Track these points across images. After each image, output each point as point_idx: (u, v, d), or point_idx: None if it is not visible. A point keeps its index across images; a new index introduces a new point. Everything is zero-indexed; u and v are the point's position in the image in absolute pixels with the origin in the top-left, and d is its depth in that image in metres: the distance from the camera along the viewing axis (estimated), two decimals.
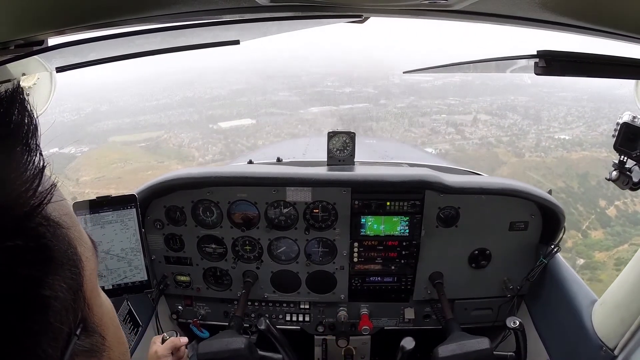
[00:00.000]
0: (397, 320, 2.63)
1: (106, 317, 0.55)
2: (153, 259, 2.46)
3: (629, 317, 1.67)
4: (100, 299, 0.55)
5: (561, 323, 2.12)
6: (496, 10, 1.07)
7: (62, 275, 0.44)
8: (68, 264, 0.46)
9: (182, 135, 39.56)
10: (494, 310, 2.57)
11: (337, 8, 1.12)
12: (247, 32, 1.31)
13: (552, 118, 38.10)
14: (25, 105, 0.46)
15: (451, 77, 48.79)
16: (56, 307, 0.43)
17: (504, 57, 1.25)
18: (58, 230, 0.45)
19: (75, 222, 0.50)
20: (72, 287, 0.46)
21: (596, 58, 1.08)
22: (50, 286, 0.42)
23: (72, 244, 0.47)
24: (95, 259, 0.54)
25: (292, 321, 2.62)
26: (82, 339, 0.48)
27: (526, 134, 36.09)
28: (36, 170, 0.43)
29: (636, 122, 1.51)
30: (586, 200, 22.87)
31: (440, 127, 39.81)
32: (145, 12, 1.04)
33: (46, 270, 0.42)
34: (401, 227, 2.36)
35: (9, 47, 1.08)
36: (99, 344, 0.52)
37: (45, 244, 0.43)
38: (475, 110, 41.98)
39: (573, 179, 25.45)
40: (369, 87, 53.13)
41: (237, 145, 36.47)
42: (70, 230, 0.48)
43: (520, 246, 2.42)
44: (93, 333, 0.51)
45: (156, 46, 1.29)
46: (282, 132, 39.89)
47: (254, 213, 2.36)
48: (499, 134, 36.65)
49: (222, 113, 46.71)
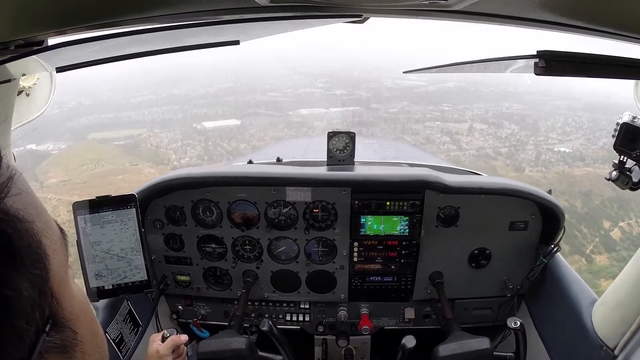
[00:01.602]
0: (397, 320, 2.63)
1: (77, 310, 0.53)
2: (153, 258, 2.46)
3: (629, 316, 1.67)
4: (71, 291, 0.53)
5: (561, 322, 2.12)
6: (496, 11, 1.07)
7: (25, 272, 0.42)
8: (32, 260, 0.43)
9: (162, 135, 38.17)
10: (493, 310, 2.57)
11: (337, 8, 1.12)
12: (247, 32, 1.31)
13: (550, 128, 37.30)
14: None
15: (445, 82, 48.01)
16: (20, 306, 0.41)
17: (503, 57, 1.25)
18: (19, 225, 0.43)
19: (40, 213, 0.48)
20: (37, 284, 0.44)
21: (596, 58, 1.08)
22: (12, 285, 0.40)
23: (35, 238, 0.45)
24: (64, 250, 0.52)
25: (292, 321, 2.62)
26: (51, 335, 0.46)
27: (525, 145, 35.10)
28: None
29: (636, 122, 1.51)
30: (590, 221, 21.90)
31: (435, 135, 38.47)
32: (145, 12, 1.04)
33: (7, 269, 0.40)
34: (401, 226, 2.36)
35: (9, 47, 1.08)
36: (70, 338, 0.50)
37: (4, 240, 0.40)
38: (471, 119, 40.97)
39: (576, 197, 24.30)
40: (361, 90, 52.09)
41: (216, 148, 35.36)
42: (34, 223, 0.45)
43: (520, 246, 2.42)
44: (63, 328, 0.49)
45: (156, 46, 1.29)
46: (266, 135, 38.53)
47: (253, 213, 2.36)
48: (496, 145, 35.55)
49: (207, 112, 45.42)
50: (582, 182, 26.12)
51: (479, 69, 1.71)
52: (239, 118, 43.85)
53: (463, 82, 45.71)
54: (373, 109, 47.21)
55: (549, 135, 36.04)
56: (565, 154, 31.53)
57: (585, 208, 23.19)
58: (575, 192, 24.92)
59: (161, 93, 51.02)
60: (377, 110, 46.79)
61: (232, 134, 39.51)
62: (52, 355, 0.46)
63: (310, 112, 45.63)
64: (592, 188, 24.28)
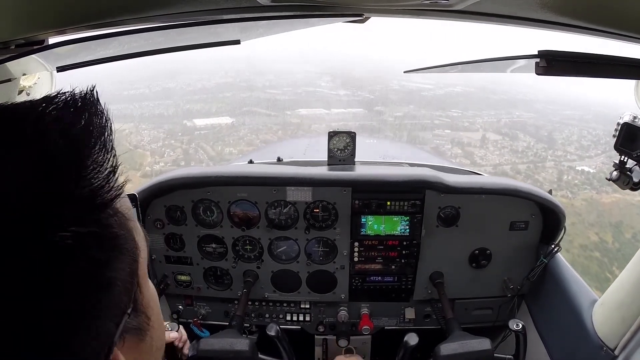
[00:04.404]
0: (397, 320, 2.63)
1: (151, 301, 0.61)
2: (153, 258, 2.46)
3: (629, 317, 1.67)
4: (148, 282, 0.61)
5: (561, 323, 2.12)
6: (497, 10, 1.07)
7: (124, 260, 0.50)
8: (129, 251, 0.52)
9: (146, 132, 36.22)
10: (494, 310, 2.57)
11: (338, 7, 1.12)
12: (248, 31, 1.31)
13: (566, 141, 34.93)
14: (99, 108, 0.52)
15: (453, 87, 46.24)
16: (118, 287, 0.49)
17: (504, 57, 1.25)
18: (124, 221, 0.52)
19: (133, 215, 0.56)
20: (131, 271, 0.52)
21: (597, 58, 1.08)
22: (115, 269, 0.49)
23: (132, 234, 0.54)
24: (147, 248, 0.61)
25: (293, 321, 2.62)
26: (132, 318, 0.54)
27: (544, 161, 32.56)
28: (111, 167, 0.49)
29: (636, 122, 1.51)
30: (622, 259, 19.35)
31: (445, 146, 35.34)
32: (146, 12, 1.04)
33: (113, 255, 0.49)
34: (401, 226, 2.36)
35: (9, 47, 1.08)
36: (144, 323, 0.57)
37: (114, 232, 0.49)
38: (482, 127, 38.74)
39: (606, 230, 21.51)
40: (365, 91, 50.37)
41: (197, 152, 33.36)
42: (131, 222, 0.54)
43: (520, 246, 2.42)
44: (141, 313, 0.57)
45: (156, 45, 1.29)
46: (257, 138, 36.28)
47: (254, 213, 2.36)
48: (514, 161, 32.52)
49: (200, 108, 43.43)
50: (611, 211, 23.61)
51: (479, 68, 1.71)
52: (233, 116, 42.26)
53: (471, 87, 44.27)
54: (377, 111, 45.51)
55: (567, 150, 33.84)
56: (589, 175, 28.56)
57: (616, 243, 20.51)
58: (605, 224, 22.34)
59: (156, 86, 49.37)
60: (381, 113, 45.05)
61: (220, 135, 37.65)
62: (129, 336, 0.53)
63: (309, 112, 43.87)
64: (622, 219, 22.10)
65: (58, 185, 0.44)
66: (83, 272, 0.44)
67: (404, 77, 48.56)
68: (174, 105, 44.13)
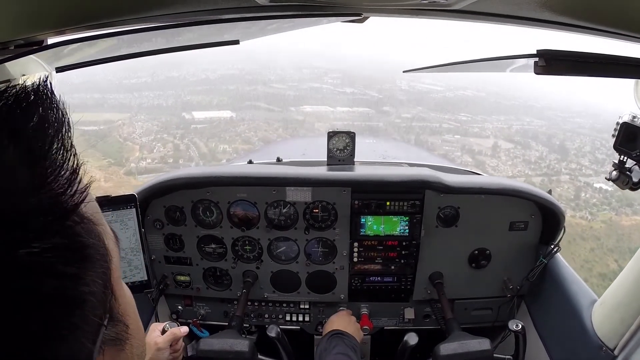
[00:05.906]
0: (397, 320, 2.63)
1: (128, 307, 0.57)
2: (153, 258, 2.46)
3: (629, 317, 1.67)
4: (122, 288, 0.57)
5: (561, 323, 2.12)
6: (496, 10, 1.07)
7: (96, 270, 0.46)
8: (100, 259, 0.47)
9: (139, 124, 34.49)
10: (493, 310, 2.57)
11: (337, 7, 1.12)
12: (247, 31, 1.31)
13: (579, 151, 33.65)
14: (54, 100, 0.46)
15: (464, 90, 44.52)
16: (92, 301, 0.45)
17: (503, 56, 1.25)
18: (92, 228, 0.47)
19: (102, 218, 0.52)
20: (103, 281, 0.47)
21: (596, 57, 1.08)
22: (87, 282, 0.44)
23: (102, 239, 0.49)
24: (117, 250, 0.56)
25: (292, 321, 2.62)
26: (108, 329, 0.50)
27: (558, 175, 30.90)
28: (72, 169, 0.44)
29: (636, 122, 1.51)
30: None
31: (454, 152, 33.54)
32: (145, 12, 1.04)
33: (83, 267, 0.44)
34: (401, 227, 2.36)
35: (8, 47, 1.08)
36: (123, 332, 0.53)
37: (82, 241, 0.44)
38: (494, 134, 37.36)
39: (625, 257, 19.82)
40: (373, 90, 48.63)
41: (188, 150, 31.89)
42: (100, 226, 0.49)
43: (520, 246, 2.41)
44: (118, 322, 0.53)
45: (156, 45, 1.29)
46: (255, 135, 34.82)
47: (253, 213, 2.36)
48: (528, 173, 31.26)
49: (200, 100, 41.69)
50: (630, 235, 22.39)
51: (479, 68, 1.71)
52: (234, 110, 40.46)
53: (482, 91, 42.74)
54: (384, 112, 43.92)
55: (582, 163, 32.31)
56: (607, 193, 26.63)
57: None
58: (625, 250, 20.75)
59: (159, 75, 47.48)
60: (388, 114, 43.41)
61: (217, 130, 36.08)
62: (107, 347, 0.49)
63: (314, 109, 42.49)
64: None
65: (12, 198, 0.39)
66: (52, 289, 0.40)
67: (413, 77, 47.02)
68: (174, 96, 42.38)
